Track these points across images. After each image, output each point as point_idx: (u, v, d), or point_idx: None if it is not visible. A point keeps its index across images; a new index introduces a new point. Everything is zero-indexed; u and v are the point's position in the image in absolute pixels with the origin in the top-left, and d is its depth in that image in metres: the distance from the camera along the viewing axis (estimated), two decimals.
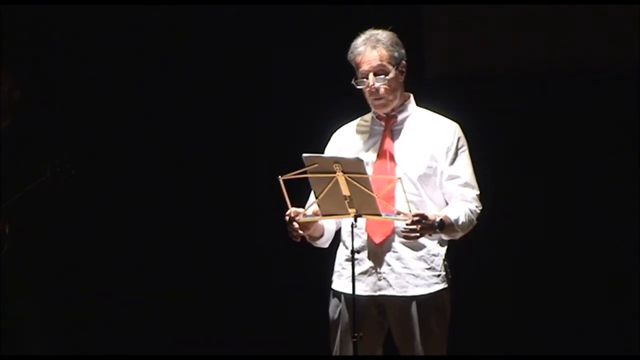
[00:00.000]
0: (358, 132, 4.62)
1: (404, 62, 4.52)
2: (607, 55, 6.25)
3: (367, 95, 4.52)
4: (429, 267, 4.50)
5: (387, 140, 4.54)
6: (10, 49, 6.46)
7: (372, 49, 4.47)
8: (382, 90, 4.48)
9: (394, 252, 4.47)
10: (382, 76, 4.47)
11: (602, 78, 6.20)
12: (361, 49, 4.48)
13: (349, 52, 4.52)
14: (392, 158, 4.51)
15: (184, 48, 6.67)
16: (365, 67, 4.48)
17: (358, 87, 4.50)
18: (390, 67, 4.48)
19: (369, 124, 4.61)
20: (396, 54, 4.49)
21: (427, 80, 6.23)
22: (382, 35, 4.50)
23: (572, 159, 6.30)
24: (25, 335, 5.95)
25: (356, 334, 4.33)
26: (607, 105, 6.21)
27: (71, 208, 6.31)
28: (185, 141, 6.72)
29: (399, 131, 4.56)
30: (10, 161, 5.89)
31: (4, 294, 5.86)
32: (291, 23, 6.51)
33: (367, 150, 4.55)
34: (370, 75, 4.47)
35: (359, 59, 4.49)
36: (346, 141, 4.62)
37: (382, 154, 4.52)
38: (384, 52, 4.47)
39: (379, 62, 4.47)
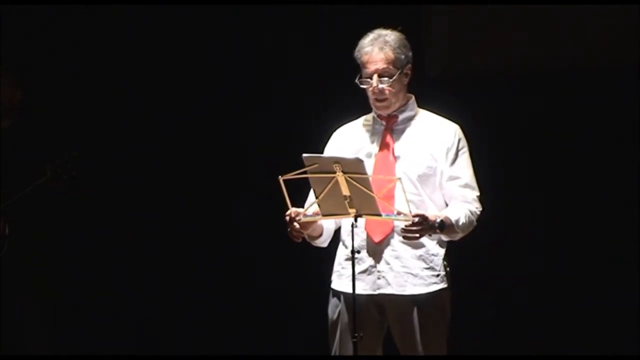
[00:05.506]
0: (359, 131, 4.61)
1: (409, 65, 4.52)
2: (607, 55, 6.25)
3: (369, 95, 4.52)
4: (428, 266, 4.49)
5: (388, 140, 4.54)
6: (11, 50, 6.45)
7: (379, 50, 4.46)
8: (385, 92, 4.48)
9: (393, 251, 4.47)
10: (386, 78, 4.46)
11: (602, 78, 6.20)
12: (368, 49, 4.47)
13: (356, 50, 4.51)
14: (392, 157, 4.51)
15: (183, 48, 6.67)
16: (370, 68, 4.47)
17: (362, 86, 4.50)
18: (395, 69, 4.47)
19: (370, 123, 4.60)
20: (402, 57, 4.48)
21: (427, 80, 6.22)
22: (391, 36, 4.49)
23: (572, 158, 6.29)
24: (25, 335, 5.94)
25: (356, 334, 4.33)
26: (607, 105, 6.21)
27: (71, 208, 6.31)
28: (185, 141, 6.72)
29: (400, 131, 4.56)
30: (10, 161, 5.88)
31: (4, 294, 5.86)
32: (292, 22, 6.51)
33: (368, 149, 4.54)
34: (375, 76, 4.46)
35: (365, 58, 4.48)
36: (347, 140, 4.61)
37: (382, 153, 4.52)
38: (391, 55, 4.46)
39: (385, 64, 4.46)
